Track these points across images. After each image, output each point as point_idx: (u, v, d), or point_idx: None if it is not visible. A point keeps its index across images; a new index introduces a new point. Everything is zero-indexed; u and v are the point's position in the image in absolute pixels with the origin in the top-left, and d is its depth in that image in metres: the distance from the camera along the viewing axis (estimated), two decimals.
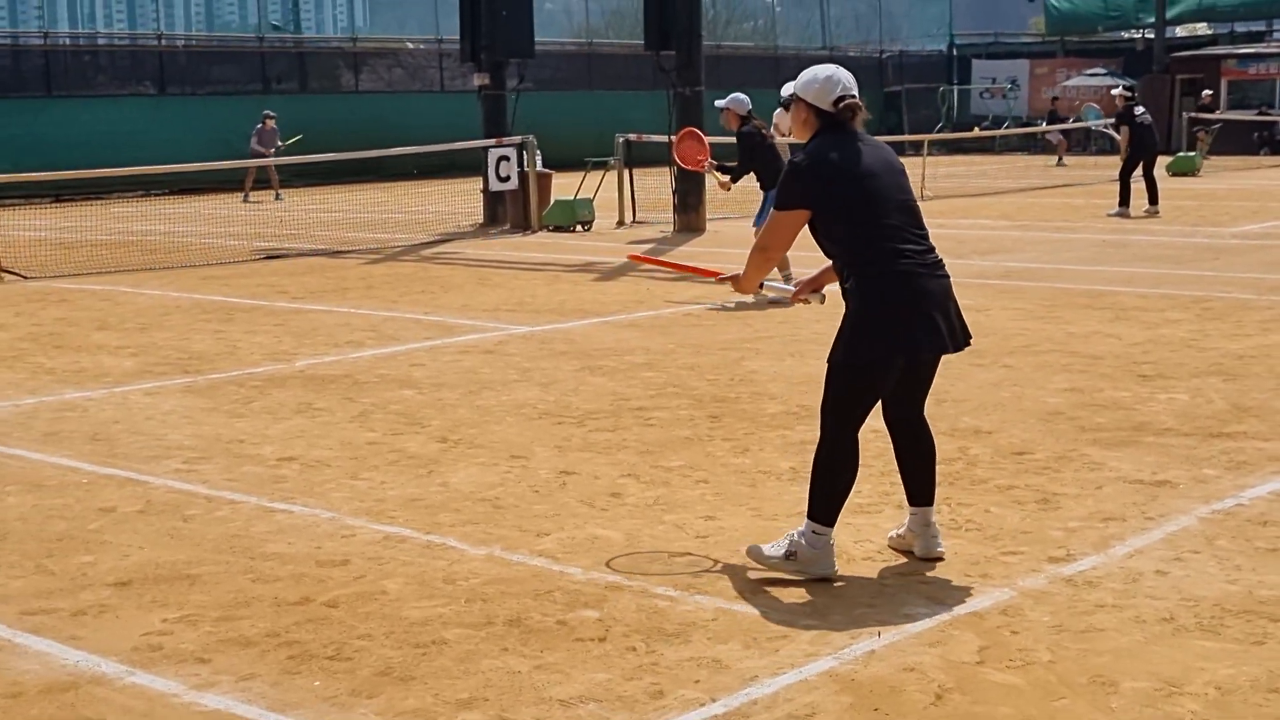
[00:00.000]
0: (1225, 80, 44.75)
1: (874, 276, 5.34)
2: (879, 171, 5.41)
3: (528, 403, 8.76)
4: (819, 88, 5.48)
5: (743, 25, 57.38)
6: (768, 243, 5.58)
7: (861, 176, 5.36)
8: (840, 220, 5.38)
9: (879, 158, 5.48)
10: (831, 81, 5.47)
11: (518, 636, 4.88)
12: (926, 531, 5.63)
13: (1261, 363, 9.53)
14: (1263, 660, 4.54)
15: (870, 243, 5.35)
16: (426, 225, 22.24)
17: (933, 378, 5.67)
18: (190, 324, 12.33)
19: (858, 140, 5.48)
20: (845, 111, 5.46)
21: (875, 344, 5.32)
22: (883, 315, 5.32)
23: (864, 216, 5.35)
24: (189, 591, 5.43)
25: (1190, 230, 19.19)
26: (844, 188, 5.35)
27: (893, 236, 5.36)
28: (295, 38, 44.72)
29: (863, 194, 5.34)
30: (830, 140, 5.45)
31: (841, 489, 5.41)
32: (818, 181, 5.38)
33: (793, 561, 5.38)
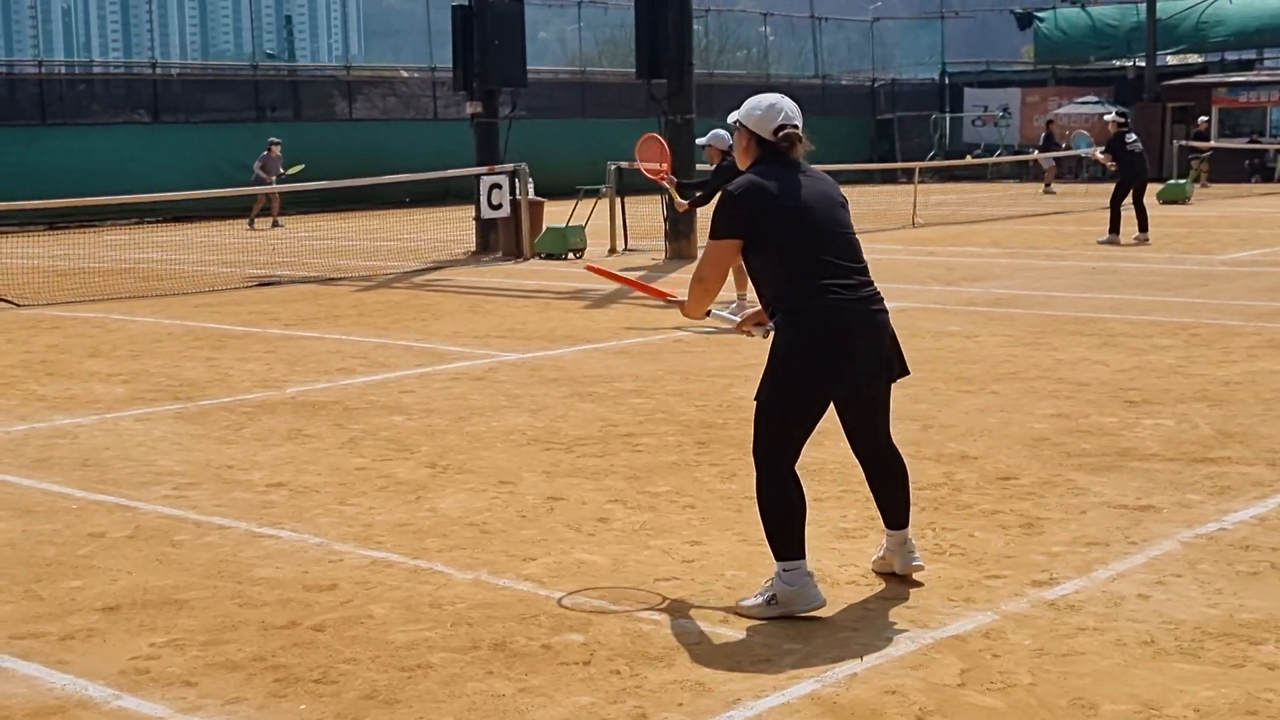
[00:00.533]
0: (1216, 108, 44.96)
1: (799, 311, 5.29)
2: (813, 204, 5.36)
3: (517, 429, 8.80)
4: (759, 115, 5.45)
5: (735, 54, 57.55)
6: (703, 273, 5.49)
7: (793, 208, 5.31)
8: (768, 251, 5.33)
9: (816, 189, 5.42)
10: (774, 110, 5.45)
11: (503, 660, 4.91)
12: (904, 549, 5.66)
13: (1248, 389, 9.58)
14: (1241, 683, 4.57)
15: (797, 276, 5.29)
16: (419, 253, 22.30)
17: (884, 408, 5.61)
18: (182, 351, 12.37)
19: (797, 171, 5.43)
20: (784, 141, 5.41)
21: (801, 378, 5.29)
22: (805, 352, 5.27)
23: (793, 249, 5.29)
24: (176, 616, 5.46)
25: (1180, 257, 19.28)
26: (774, 218, 5.30)
27: (821, 270, 5.28)
28: (289, 66, 44.96)
29: (793, 225, 5.29)
30: (767, 169, 5.41)
31: (794, 521, 5.34)
32: (749, 210, 5.32)
33: (775, 606, 5.32)
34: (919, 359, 11.01)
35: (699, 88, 22.72)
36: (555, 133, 37.88)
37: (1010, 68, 56.11)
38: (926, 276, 17.28)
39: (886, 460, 5.67)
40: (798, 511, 5.35)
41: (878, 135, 51.41)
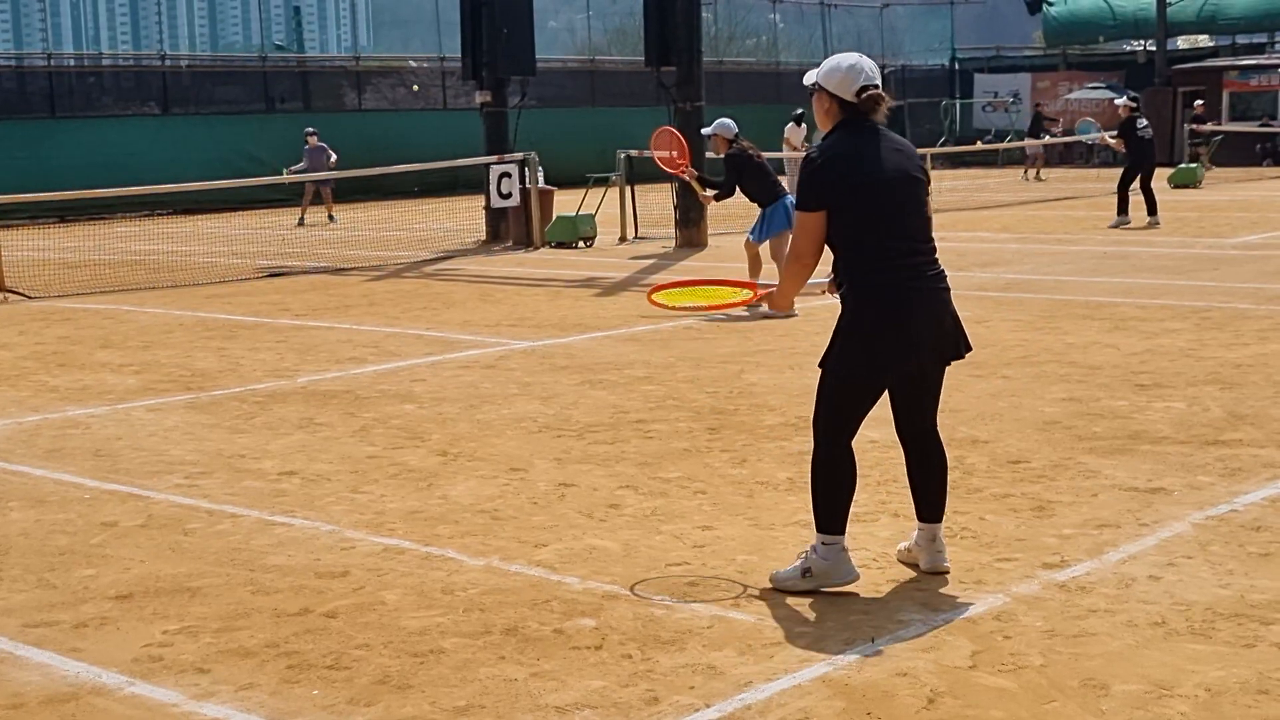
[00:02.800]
0: (1227, 92, 44.82)
1: (868, 286, 5.29)
2: (894, 175, 5.29)
3: (528, 416, 8.81)
4: (841, 77, 5.35)
5: (745, 42, 57.44)
6: (799, 250, 5.37)
7: (872, 175, 5.24)
8: (845, 220, 5.26)
9: (896, 162, 5.33)
10: (855, 70, 5.34)
11: (515, 645, 4.93)
12: (932, 546, 5.61)
13: (1259, 371, 9.56)
14: (1253, 663, 4.57)
15: (869, 249, 5.26)
16: (429, 242, 22.31)
17: (938, 390, 5.60)
18: (193, 341, 12.39)
19: (879, 137, 5.36)
20: (868, 103, 5.33)
21: (862, 356, 5.29)
22: (872, 327, 5.27)
23: (866, 219, 5.24)
24: (189, 604, 5.48)
25: (1190, 241, 19.24)
26: (853, 185, 5.23)
27: (892, 243, 5.26)
28: (298, 57, 44.92)
29: (869, 194, 5.23)
30: (849, 136, 5.34)
31: (842, 498, 5.37)
32: (829, 176, 5.25)
33: (810, 579, 5.34)
34: None
35: (708, 75, 22.69)
36: (565, 121, 37.84)
37: (1020, 53, 56.01)
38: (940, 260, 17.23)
39: (929, 444, 5.63)
40: (848, 487, 5.37)
41: (889, 121, 51.25)
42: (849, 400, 5.35)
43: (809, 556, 5.39)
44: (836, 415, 5.36)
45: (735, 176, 13.64)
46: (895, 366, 5.36)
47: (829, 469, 5.38)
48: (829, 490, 5.37)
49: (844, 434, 5.37)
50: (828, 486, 5.38)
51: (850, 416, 5.37)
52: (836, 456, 5.37)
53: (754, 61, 51.13)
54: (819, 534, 5.37)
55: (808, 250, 5.36)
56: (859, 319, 5.30)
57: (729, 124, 13.80)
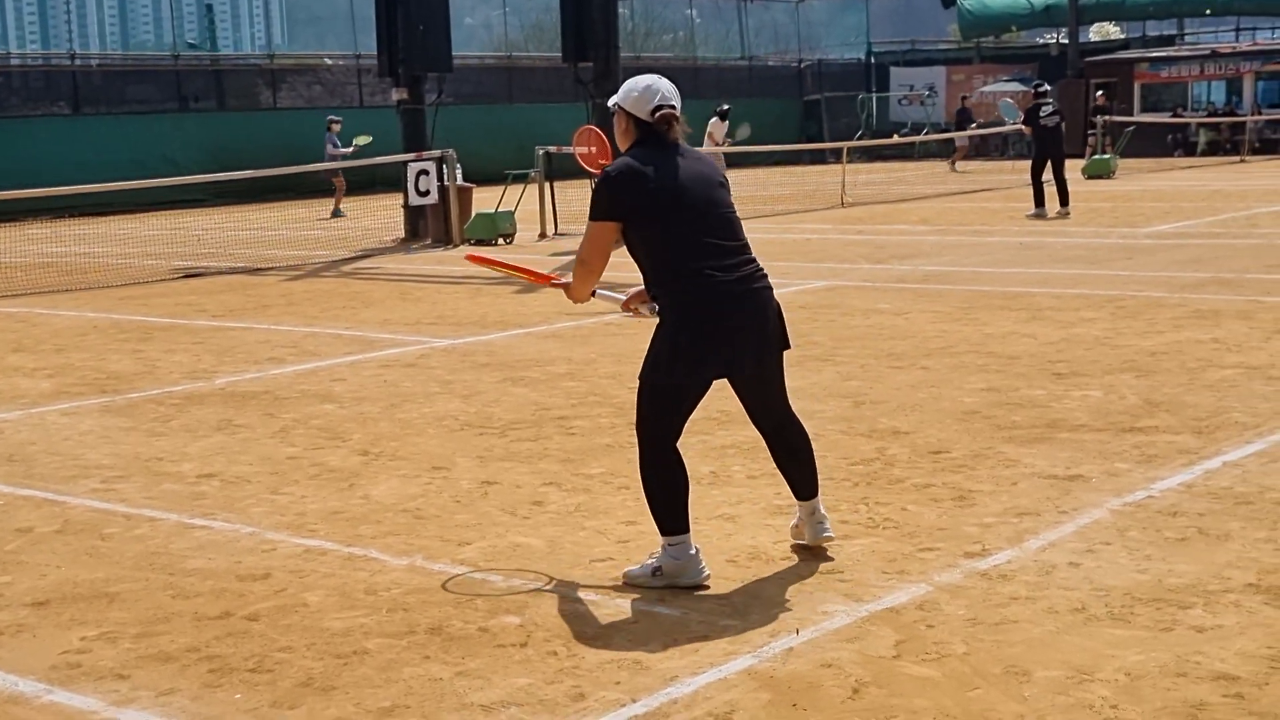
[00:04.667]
0: (1139, 84, 45.48)
1: (678, 293, 5.32)
2: (689, 184, 5.34)
3: (449, 414, 8.77)
4: (636, 96, 5.45)
5: (662, 37, 57.56)
6: (585, 255, 5.49)
7: (670, 188, 5.30)
8: (646, 233, 5.33)
9: (693, 170, 5.40)
10: (650, 91, 5.44)
11: (439, 644, 4.90)
12: (813, 519, 5.70)
13: (1173, 359, 9.70)
14: (1171, 646, 4.63)
15: (675, 258, 5.30)
16: (347, 241, 22.16)
17: (780, 379, 5.63)
18: (107, 344, 12.23)
19: (675, 153, 5.42)
20: (661, 122, 5.41)
21: (677, 365, 5.31)
22: (682, 333, 5.30)
23: (668, 229, 5.30)
24: (108, 609, 5.40)
25: (1105, 231, 19.48)
26: (650, 199, 5.29)
27: (700, 252, 5.29)
28: (212, 55, 44.48)
29: (669, 206, 5.28)
30: (643, 152, 5.40)
31: (679, 497, 5.39)
32: (625, 193, 5.31)
33: (660, 577, 5.37)
34: (849, 336, 11.09)
35: (626, 71, 22.56)
36: (482, 118, 37.75)
37: (935, 46, 56.49)
38: (856, 255, 17.36)
39: (787, 433, 5.70)
40: (682, 488, 5.40)
41: (805, 116, 51.59)
42: (672, 405, 5.38)
43: (660, 555, 5.41)
44: (661, 420, 5.38)
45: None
46: (716, 369, 5.38)
47: (660, 473, 5.39)
48: (664, 493, 5.39)
49: (670, 437, 5.39)
50: (662, 490, 5.39)
51: (675, 420, 5.40)
52: (662, 461, 5.39)
53: (671, 57, 51.23)
54: (664, 536, 5.39)
55: (593, 257, 5.49)
56: (679, 325, 5.31)
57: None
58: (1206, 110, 44.42)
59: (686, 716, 4.23)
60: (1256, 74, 44.44)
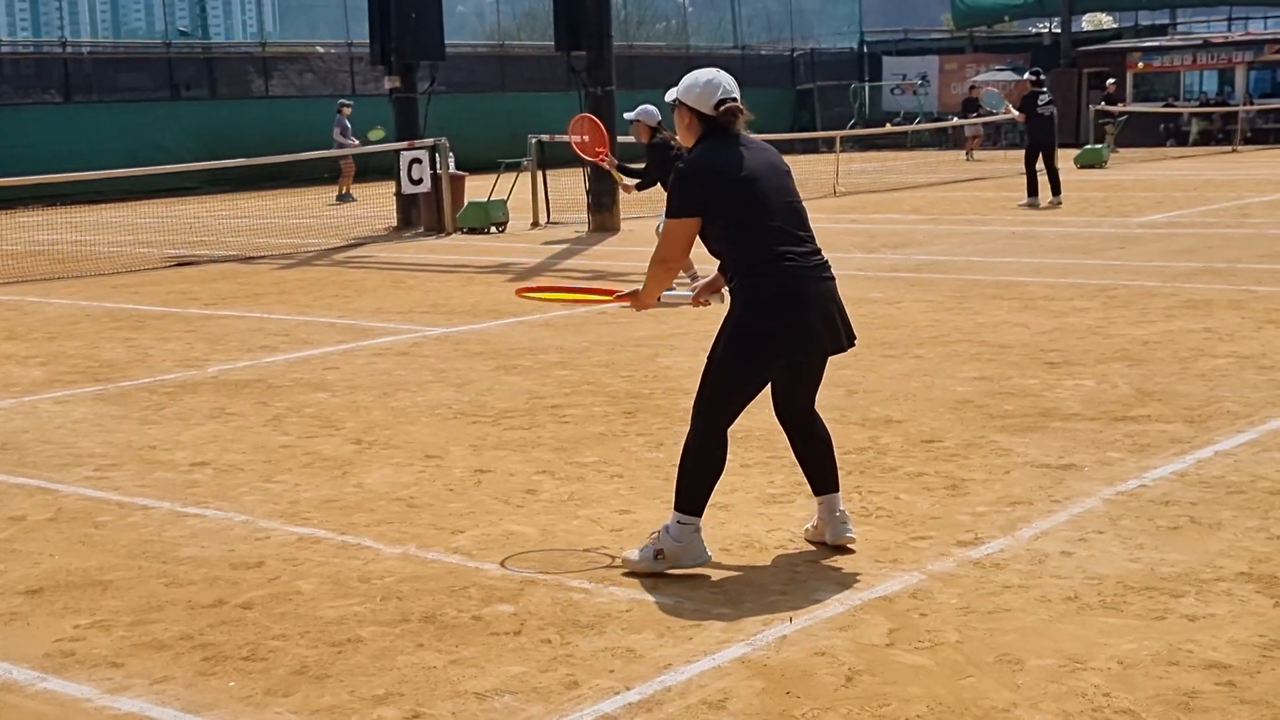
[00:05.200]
0: (1131, 73, 45.45)
1: (757, 278, 5.37)
2: (761, 174, 5.43)
3: (442, 403, 8.77)
4: (699, 92, 5.49)
5: (654, 26, 57.45)
6: (666, 254, 5.54)
7: (743, 180, 5.38)
8: (724, 224, 5.40)
9: (762, 160, 5.48)
10: (712, 85, 5.49)
11: (433, 632, 4.90)
12: (834, 518, 5.68)
13: (1165, 348, 9.71)
14: (1163, 634, 4.65)
15: (753, 245, 5.37)
16: (340, 229, 22.14)
17: (820, 376, 5.69)
18: (100, 332, 12.21)
19: (739, 144, 5.49)
20: (726, 115, 5.47)
21: (754, 347, 5.38)
22: (763, 318, 5.36)
23: (746, 219, 5.38)
24: (101, 597, 5.40)
25: (1097, 220, 19.50)
26: (726, 191, 5.37)
27: (775, 239, 5.37)
28: (203, 43, 44.34)
29: (745, 197, 5.37)
30: (712, 145, 5.47)
31: (709, 481, 5.47)
32: (701, 187, 5.40)
33: (662, 560, 5.41)
34: None
35: (618, 59, 22.67)
36: (475, 107, 37.65)
37: (928, 36, 56.46)
38: (849, 244, 17.36)
39: (808, 421, 5.73)
40: (718, 472, 5.46)
41: (798, 105, 51.52)
42: (737, 387, 5.43)
43: (661, 538, 5.44)
44: (722, 400, 5.43)
45: (656, 167, 13.46)
46: (787, 353, 5.44)
47: (704, 452, 5.43)
48: (699, 473, 5.44)
49: (725, 419, 5.44)
50: (699, 469, 5.44)
51: (734, 403, 5.44)
52: (713, 441, 5.43)
53: (664, 46, 51.14)
54: (677, 513, 5.43)
55: (675, 255, 5.55)
56: (753, 309, 5.37)
57: (653, 111, 13.59)
58: (1199, 100, 44.42)
59: (680, 705, 4.24)
60: (1249, 64, 44.46)
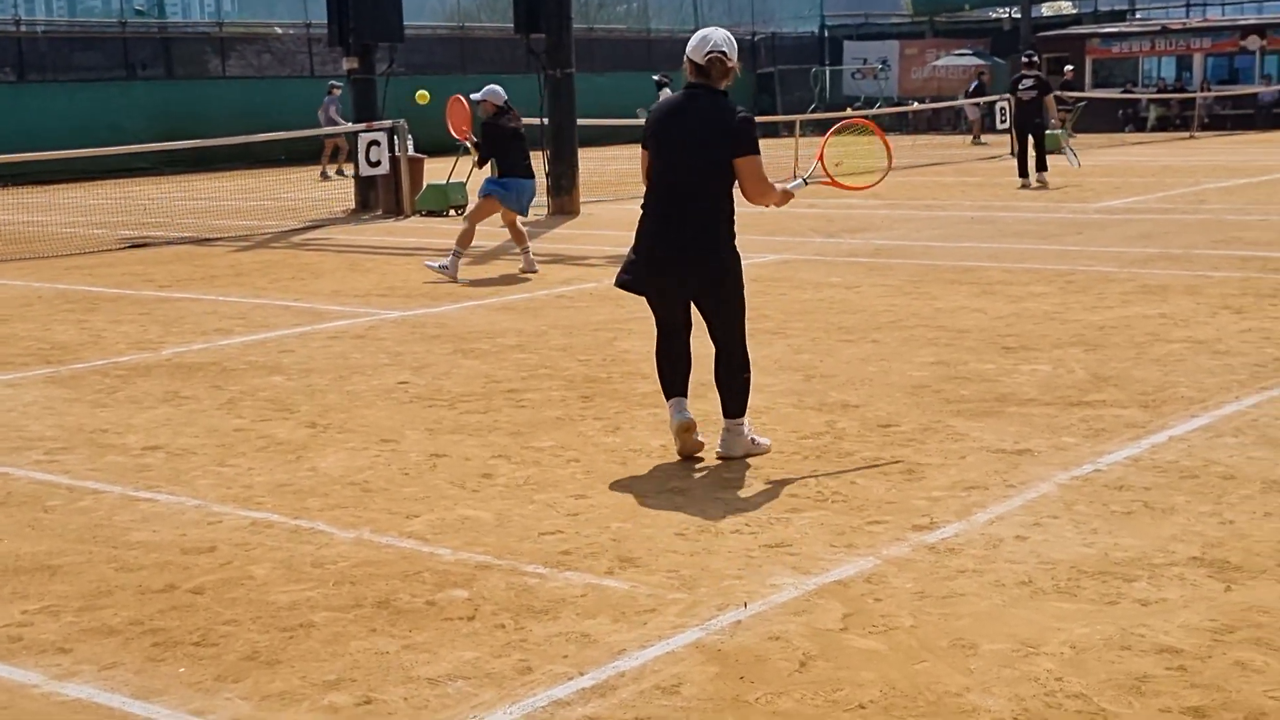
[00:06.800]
0: (1090, 59, 45.66)
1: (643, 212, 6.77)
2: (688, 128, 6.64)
3: (399, 387, 8.72)
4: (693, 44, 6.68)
5: (615, 9, 57.37)
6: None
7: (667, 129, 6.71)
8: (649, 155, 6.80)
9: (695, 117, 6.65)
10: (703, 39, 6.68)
11: (386, 618, 4.87)
12: (724, 435, 6.81)
13: (1121, 333, 9.75)
14: (1116, 619, 4.66)
15: (651, 182, 6.74)
16: (297, 212, 22.00)
17: (723, 312, 6.72)
18: (52, 314, 12.10)
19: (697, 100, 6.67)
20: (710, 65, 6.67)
21: (629, 266, 6.85)
22: (632, 250, 6.82)
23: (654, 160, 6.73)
24: (50, 582, 5.34)
25: (1055, 206, 19.57)
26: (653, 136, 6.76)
27: (663, 185, 6.68)
28: (159, 23, 44.00)
29: (657, 144, 6.69)
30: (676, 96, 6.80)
31: (664, 373, 6.92)
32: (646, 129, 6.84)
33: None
34: (800, 310, 11.09)
35: (578, 42, 22.58)
36: (434, 88, 37.44)
37: (888, 20, 56.50)
38: (807, 228, 17.37)
39: (726, 353, 6.82)
40: (668, 365, 6.94)
41: (759, 89, 51.52)
42: (649, 298, 6.92)
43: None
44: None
45: (487, 144, 14.10)
46: (647, 280, 6.78)
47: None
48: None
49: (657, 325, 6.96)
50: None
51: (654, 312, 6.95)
52: (657, 343, 6.96)
53: (624, 29, 51.06)
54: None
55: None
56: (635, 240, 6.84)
57: (497, 90, 14.01)
58: (1157, 86, 44.66)
59: (634, 689, 4.23)
60: (1206, 51, 44.72)
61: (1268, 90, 42.43)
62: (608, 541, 5.62)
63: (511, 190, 13.80)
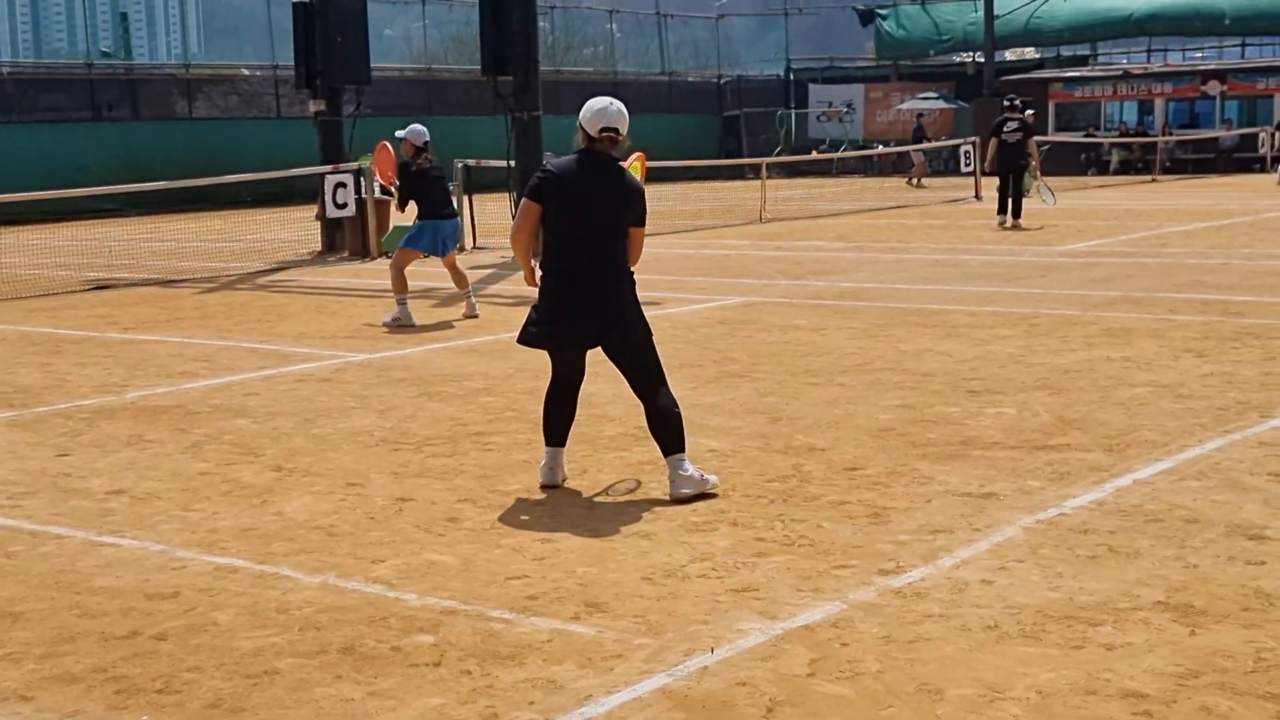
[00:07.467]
0: (1053, 103, 46.06)
1: (545, 271, 7.00)
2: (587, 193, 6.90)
3: (364, 430, 8.69)
4: (591, 116, 6.96)
5: (582, 51, 57.60)
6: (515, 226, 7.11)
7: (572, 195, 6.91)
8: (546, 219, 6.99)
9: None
10: (601, 114, 6.98)
11: (351, 664, 4.84)
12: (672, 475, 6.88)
13: (1085, 376, 9.80)
14: (1081, 664, 4.67)
15: (552, 244, 6.98)
16: (263, 253, 21.96)
17: (636, 362, 6.99)
18: (15, 356, 12.03)
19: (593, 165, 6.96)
20: (604, 141, 6.98)
21: (535, 321, 7.07)
22: (540, 313, 7.03)
23: (557, 223, 6.94)
24: (11, 629, 5.30)
25: (1019, 249, 19.69)
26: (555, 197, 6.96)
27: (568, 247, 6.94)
28: (126, 64, 44.02)
29: (559, 208, 6.91)
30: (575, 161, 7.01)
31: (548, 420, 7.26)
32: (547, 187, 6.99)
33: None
34: (766, 353, 11.12)
35: (546, 85, 22.65)
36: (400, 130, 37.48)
37: (854, 64, 56.91)
38: (774, 271, 17.43)
39: (650, 404, 7.06)
40: (553, 413, 7.32)
41: (725, 131, 51.81)
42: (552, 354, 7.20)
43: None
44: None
45: (405, 185, 13.98)
46: (556, 336, 7.03)
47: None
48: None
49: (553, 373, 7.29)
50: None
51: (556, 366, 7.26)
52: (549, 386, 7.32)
53: (591, 71, 51.29)
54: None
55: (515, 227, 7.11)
56: (539, 298, 7.05)
57: (420, 130, 14.04)
58: (1119, 130, 45.07)
59: None
60: (1167, 96, 45.17)
61: (1228, 135, 42.86)
62: (574, 586, 5.61)
63: (425, 234, 13.73)
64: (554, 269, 6.99)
